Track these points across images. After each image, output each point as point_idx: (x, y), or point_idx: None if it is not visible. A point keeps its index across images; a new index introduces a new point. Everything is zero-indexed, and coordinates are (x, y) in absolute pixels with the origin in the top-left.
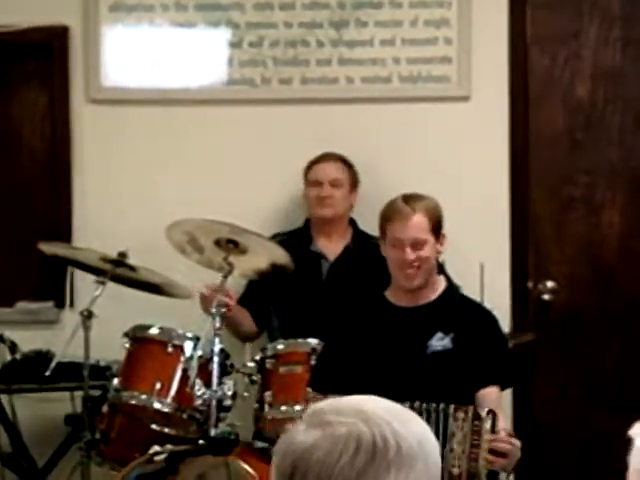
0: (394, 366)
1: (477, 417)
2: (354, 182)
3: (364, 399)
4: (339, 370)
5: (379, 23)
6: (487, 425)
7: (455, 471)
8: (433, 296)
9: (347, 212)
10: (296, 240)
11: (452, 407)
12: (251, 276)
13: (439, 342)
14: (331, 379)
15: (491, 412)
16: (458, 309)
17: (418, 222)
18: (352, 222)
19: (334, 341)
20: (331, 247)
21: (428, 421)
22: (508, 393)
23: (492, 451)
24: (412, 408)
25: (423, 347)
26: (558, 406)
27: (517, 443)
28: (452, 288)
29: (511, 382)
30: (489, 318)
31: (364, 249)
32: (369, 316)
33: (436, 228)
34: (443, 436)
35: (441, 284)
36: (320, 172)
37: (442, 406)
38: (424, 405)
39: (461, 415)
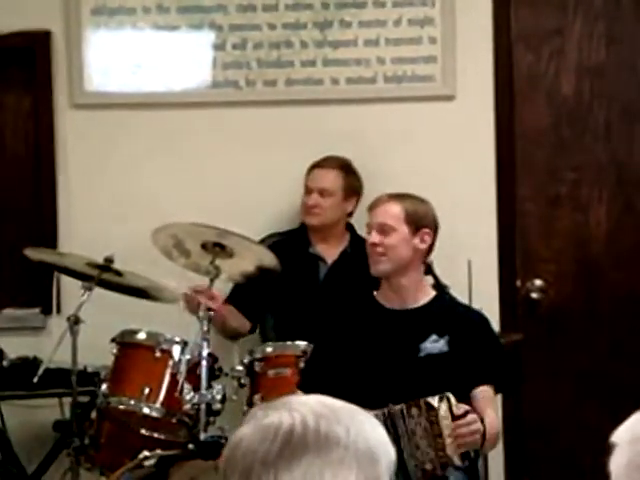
0: (385, 369)
1: (430, 407)
2: (352, 189)
3: (300, 396)
4: (329, 373)
5: (363, 23)
6: (442, 412)
7: (427, 466)
8: (423, 300)
9: (340, 220)
10: (294, 241)
11: (404, 406)
12: (238, 279)
13: (434, 345)
14: (322, 382)
15: (444, 397)
16: (450, 312)
17: (389, 208)
18: (350, 227)
19: (325, 343)
20: (329, 251)
21: (387, 426)
22: None
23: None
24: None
25: (415, 350)
26: (547, 404)
27: (475, 417)
28: (443, 294)
29: (506, 384)
30: (482, 320)
31: (361, 254)
32: (359, 318)
33: (412, 221)
34: (406, 436)
35: (431, 291)
36: (311, 179)
37: (396, 408)
38: (380, 411)
39: (415, 411)
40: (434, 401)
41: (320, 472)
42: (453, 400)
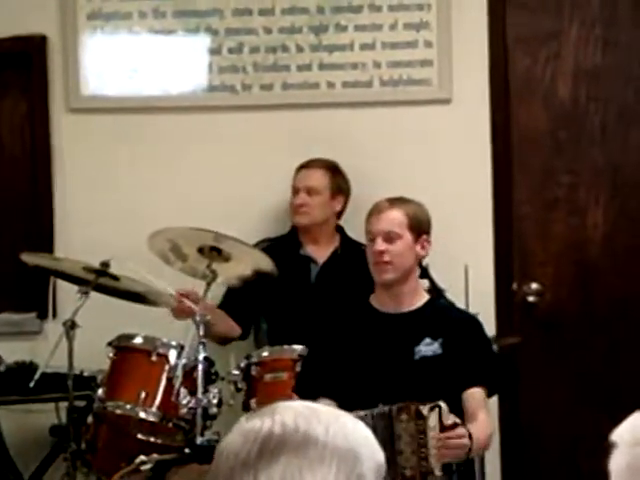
0: (381, 372)
1: (419, 416)
2: (339, 188)
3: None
4: (325, 378)
5: (359, 27)
6: (431, 422)
7: (407, 473)
8: (418, 303)
9: (329, 219)
10: (284, 245)
11: (395, 409)
12: (235, 283)
13: (428, 347)
14: (317, 386)
15: (435, 407)
16: (444, 315)
17: (392, 216)
18: (340, 229)
19: (319, 348)
20: (320, 252)
21: (374, 427)
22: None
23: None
24: (360, 417)
25: (410, 353)
26: (544, 407)
27: (464, 432)
28: (436, 298)
29: (498, 387)
30: (475, 323)
31: (352, 255)
32: (354, 323)
33: (415, 227)
34: (390, 439)
35: (425, 294)
36: (298, 179)
37: (386, 409)
38: (369, 411)
39: (404, 416)
40: (425, 410)
41: (299, 471)
42: (445, 410)
